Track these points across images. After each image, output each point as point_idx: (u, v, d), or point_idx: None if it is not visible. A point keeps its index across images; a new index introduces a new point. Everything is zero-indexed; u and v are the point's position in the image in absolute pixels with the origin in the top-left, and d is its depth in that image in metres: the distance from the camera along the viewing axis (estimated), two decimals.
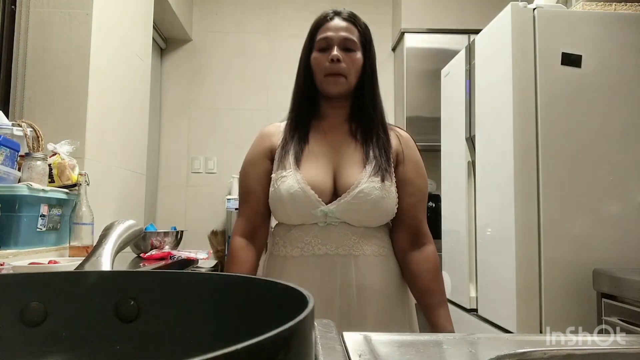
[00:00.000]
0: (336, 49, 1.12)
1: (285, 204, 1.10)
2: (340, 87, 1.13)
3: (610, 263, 1.70)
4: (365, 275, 1.09)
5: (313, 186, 1.09)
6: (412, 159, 1.18)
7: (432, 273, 1.13)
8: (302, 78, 1.19)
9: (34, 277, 0.39)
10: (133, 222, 0.63)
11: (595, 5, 2.02)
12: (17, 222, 1.38)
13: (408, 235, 1.15)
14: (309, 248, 1.10)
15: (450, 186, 2.49)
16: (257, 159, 1.18)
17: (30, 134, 1.56)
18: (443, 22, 3.30)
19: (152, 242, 1.80)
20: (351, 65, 1.13)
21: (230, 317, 0.37)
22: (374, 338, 0.53)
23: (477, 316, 2.08)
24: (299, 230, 1.12)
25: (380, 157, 1.13)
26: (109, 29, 2.05)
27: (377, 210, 1.10)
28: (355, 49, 1.14)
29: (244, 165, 1.21)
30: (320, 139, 1.17)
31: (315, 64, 1.15)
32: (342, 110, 1.20)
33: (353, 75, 1.14)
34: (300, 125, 1.18)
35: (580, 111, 1.79)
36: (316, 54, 1.15)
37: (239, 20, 3.57)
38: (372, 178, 1.09)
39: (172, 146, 3.54)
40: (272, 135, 1.20)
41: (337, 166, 1.14)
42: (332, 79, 1.13)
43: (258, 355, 0.21)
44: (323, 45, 1.14)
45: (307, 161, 1.13)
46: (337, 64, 1.11)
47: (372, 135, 1.16)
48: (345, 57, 1.12)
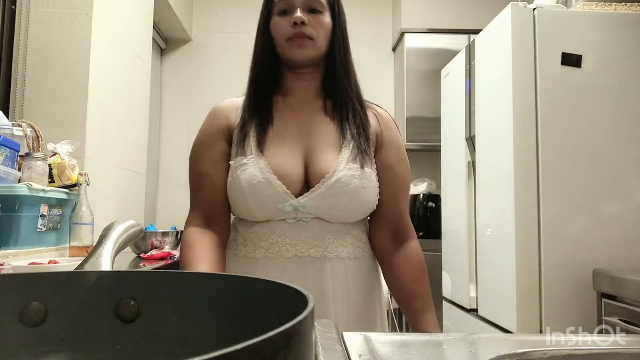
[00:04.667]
0: (299, 11, 0.96)
1: (247, 198, 0.93)
2: (307, 50, 0.96)
3: (610, 263, 1.69)
4: (340, 281, 0.95)
5: (280, 175, 0.92)
6: (393, 143, 1.03)
7: (417, 273, 0.99)
8: (260, 46, 1.02)
9: (34, 277, 0.39)
10: (133, 222, 0.63)
11: (595, 5, 2.02)
12: (17, 222, 1.38)
13: (389, 232, 1.01)
14: (275, 249, 0.93)
15: (450, 186, 2.49)
16: (210, 139, 1.00)
17: (30, 134, 1.56)
18: (443, 22, 3.29)
19: (152, 242, 1.80)
20: (319, 27, 0.97)
21: (230, 317, 0.37)
22: (374, 338, 0.53)
23: (477, 316, 2.08)
24: (263, 227, 0.95)
25: (359, 137, 0.98)
26: (109, 29, 2.05)
27: (357, 203, 0.94)
28: (321, 10, 0.98)
29: (194, 148, 1.02)
30: (287, 117, 1.00)
31: (276, 29, 0.98)
32: (312, 83, 1.02)
33: (322, 39, 0.97)
34: (261, 101, 1.00)
35: (580, 111, 1.79)
36: (276, 18, 0.98)
37: (239, 20, 3.57)
38: (350, 164, 0.94)
39: (172, 146, 3.54)
40: (228, 111, 1.02)
41: (308, 150, 0.97)
42: (296, 42, 0.95)
43: (258, 355, 0.21)
44: (283, 6, 0.97)
45: (271, 145, 0.96)
46: (302, 26, 0.95)
47: (347, 112, 1.00)
48: (310, 19, 0.96)
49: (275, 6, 0.99)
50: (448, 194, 2.56)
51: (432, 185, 3.10)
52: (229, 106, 1.03)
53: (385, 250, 1.02)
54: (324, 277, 0.94)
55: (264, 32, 1.01)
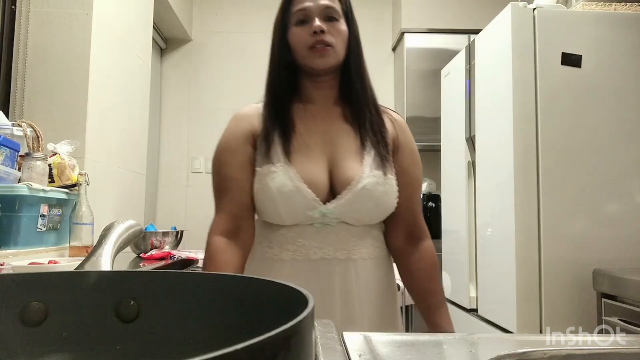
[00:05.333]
0: (317, 20, 0.98)
1: (277, 204, 0.96)
2: (329, 58, 0.99)
3: (610, 263, 1.69)
4: (364, 280, 1.00)
5: (308, 183, 0.95)
6: (408, 146, 1.07)
7: (431, 272, 1.06)
8: (278, 57, 1.03)
9: (34, 277, 0.39)
10: (133, 222, 0.63)
11: (595, 5, 2.02)
12: (17, 222, 1.38)
13: (404, 231, 1.06)
14: (302, 251, 0.97)
15: (450, 186, 2.49)
16: (236, 144, 1.01)
17: (30, 134, 1.56)
18: (443, 22, 3.30)
19: (152, 242, 1.80)
20: (337, 35, 0.99)
21: (230, 317, 0.37)
22: (374, 338, 0.53)
23: (477, 316, 2.08)
24: (290, 231, 0.98)
25: (379, 143, 1.01)
26: (109, 29, 2.05)
27: (380, 207, 1.00)
28: (338, 18, 1.01)
29: (219, 154, 1.02)
30: (310, 126, 1.03)
31: (296, 39, 1.00)
32: (331, 91, 1.05)
33: (340, 46, 1.00)
34: (282, 109, 1.03)
35: (580, 111, 1.79)
36: (294, 29, 1.00)
37: (239, 20, 3.57)
38: (373, 171, 0.98)
39: (172, 146, 3.54)
40: (252, 116, 1.04)
41: (333, 158, 1.00)
42: (318, 52, 0.98)
43: (258, 355, 0.21)
44: (301, 17, 1.00)
45: (298, 153, 0.98)
46: (321, 35, 0.97)
47: (365, 119, 1.03)
48: (329, 27, 0.98)
49: (292, 17, 1.01)
50: (448, 194, 2.56)
51: (432, 185, 3.10)
52: (252, 112, 1.05)
53: (400, 249, 1.07)
54: (349, 278, 0.98)
55: (281, 42, 1.03)
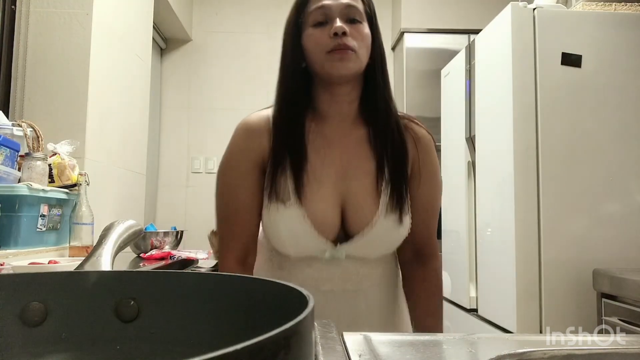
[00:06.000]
0: (338, 21, 0.86)
1: (285, 243, 0.92)
2: (350, 63, 0.86)
3: (610, 263, 1.69)
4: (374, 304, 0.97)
5: (318, 224, 0.89)
6: (430, 169, 0.97)
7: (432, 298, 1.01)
8: (291, 63, 0.91)
9: (34, 277, 0.39)
10: (133, 222, 0.63)
11: (595, 5, 2.02)
12: (17, 222, 1.38)
13: (413, 249, 1.01)
14: (311, 282, 0.92)
15: (450, 186, 2.49)
16: (246, 168, 0.92)
17: (30, 134, 1.56)
18: (443, 22, 3.29)
19: (152, 242, 1.80)
20: (360, 39, 0.88)
21: (230, 317, 0.37)
22: (374, 338, 0.53)
23: (477, 316, 2.08)
24: (299, 260, 0.94)
25: (397, 177, 0.92)
26: (109, 29, 2.05)
27: (393, 246, 0.96)
28: (361, 20, 0.89)
29: (229, 172, 0.94)
30: (323, 153, 0.93)
31: (312, 42, 0.88)
32: (350, 106, 0.94)
33: (364, 51, 0.89)
34: (294, 133, 0.92)
35: (580, 111, 1.79)
36: (311, 30, 0.88)
37: (239, 20, 3.57)
38: (388, 215, 0.91)
39: (172, 146, 3.54)
40: (262, 132, 0.93)
41: (346, 196, 0.92)
42: (338, 55, 0.85)
43: (258, 355, 0.21)
44: (319, 17, 0.88)
45: (309, 189, 0.90)
46: (343, 37, 0.85)
47: (387, 144, 0.93)
48: (351, 29, 0.86)
49: (309, 17, 0.89)
50: (448, 194, 2.56)
51: None
52: (261, 125, 0.93)
53: (406, 262, 1.04)
54: (358, 307, 0.95)
55: (294, 46, 0.91)
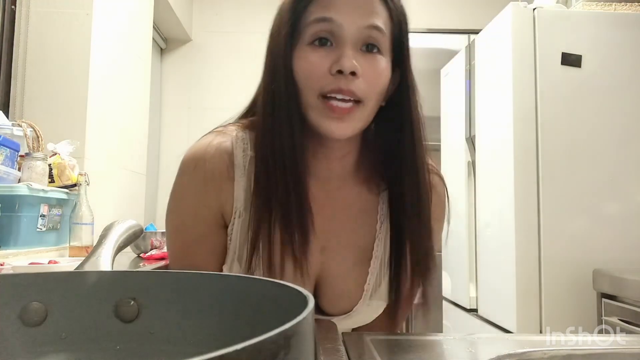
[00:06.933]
0: (349, 48, 0.61)
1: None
2: (351, 126, 0.63)
3: (610, 263, 1.69)
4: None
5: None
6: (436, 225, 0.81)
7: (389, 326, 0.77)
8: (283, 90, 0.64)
9: (34, 277, 0.39)
10: (133, 222, 0.63)
11: (595, 5, 2.02)
12: (17, 222, 1.38)
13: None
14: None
15: (450, 186, 2.48)
16: (205, 230, 0.71)
17: (30, 134, 1.56)
18: (443, 22, 3.29)
19: (152, 242, 1.79)
20: (373, 80, 0.63)
21: (230, 317, 0.37)
22: (374, 338, 0.53)
23: (477, 316, 2.08)
24: None
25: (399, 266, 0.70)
26: (109, 29, 2.05)
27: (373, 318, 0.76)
28: (382, 51, 0.64)
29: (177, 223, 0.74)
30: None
31: (305, 70, 0.62)
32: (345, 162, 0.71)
33: (373, 100, 0.63)
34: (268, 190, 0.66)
35: (580, 111, 1.79)
36: (307, 50, 0.62)
37: (239, 20, 3.57)
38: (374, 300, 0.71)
39: (172, 146, 3.54)
40: (223, 181, 0.69)
41: (322, 275, 0.70)
42: (336, 114, 0.61)
43: (258, 355, 0.21)
44: (322, 32, 0.61)
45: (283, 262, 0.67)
46: (351, 80, 0.60)
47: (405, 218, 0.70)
48: (364, 64, 0.61)
49: (308, 28, 0.61)
50: None
51: None
52: (222, 170, 0.69)
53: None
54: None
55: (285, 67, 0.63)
